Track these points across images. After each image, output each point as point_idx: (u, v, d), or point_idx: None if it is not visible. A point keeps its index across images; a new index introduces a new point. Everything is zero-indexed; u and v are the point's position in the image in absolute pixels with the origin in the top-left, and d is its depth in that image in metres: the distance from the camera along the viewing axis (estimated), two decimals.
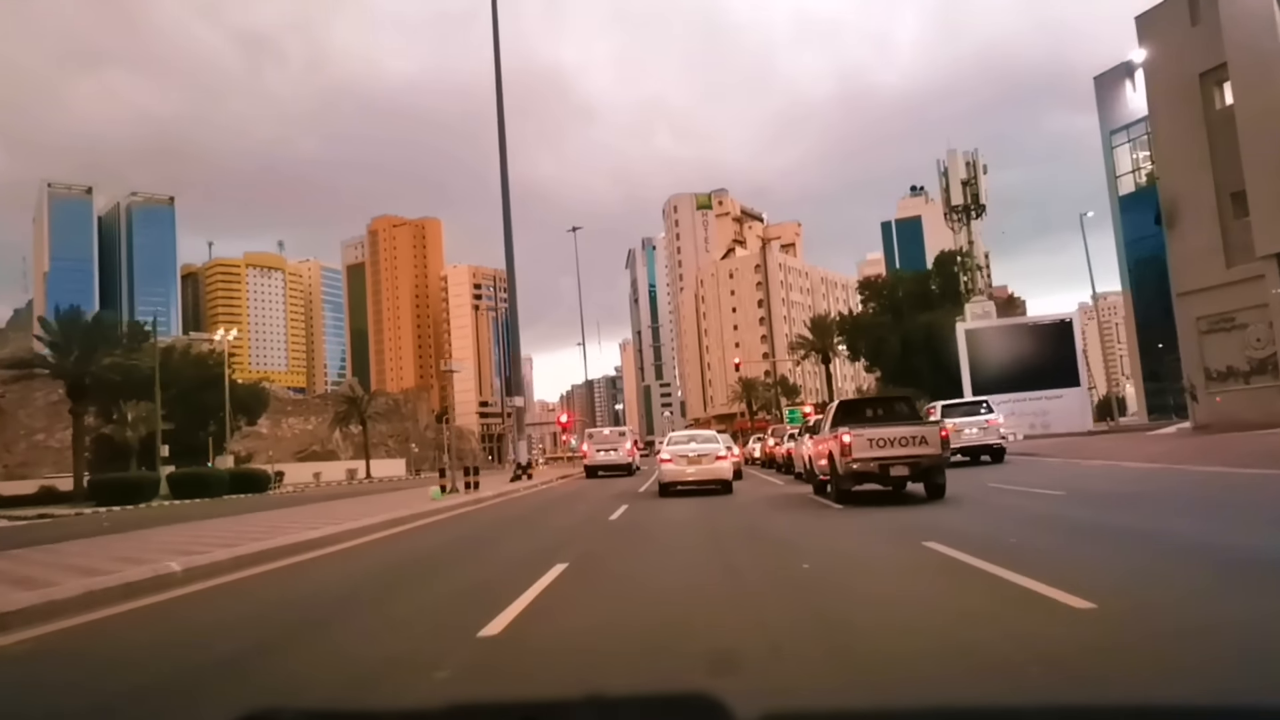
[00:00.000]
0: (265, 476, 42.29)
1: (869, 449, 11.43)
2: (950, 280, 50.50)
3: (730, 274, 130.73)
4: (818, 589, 5.57)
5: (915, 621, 4.34)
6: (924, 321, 45.94)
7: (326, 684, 3.72)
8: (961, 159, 36.35)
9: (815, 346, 63.27)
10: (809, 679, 3.35)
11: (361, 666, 3.93)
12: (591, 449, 28.90)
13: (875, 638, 4.04)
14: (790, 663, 3.60)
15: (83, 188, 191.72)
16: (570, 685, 3.45)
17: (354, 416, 73.79)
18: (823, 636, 4.08)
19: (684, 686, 1.10)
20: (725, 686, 1.38)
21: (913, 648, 3.79)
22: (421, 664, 3.88)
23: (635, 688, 1.47)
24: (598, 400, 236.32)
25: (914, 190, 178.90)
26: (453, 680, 3.57)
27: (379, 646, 4.37)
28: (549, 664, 3.91)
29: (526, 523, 12.25)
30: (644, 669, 3.64)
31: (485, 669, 3.84)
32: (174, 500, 34.17)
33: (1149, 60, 22.96)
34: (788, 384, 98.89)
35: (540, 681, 3.54)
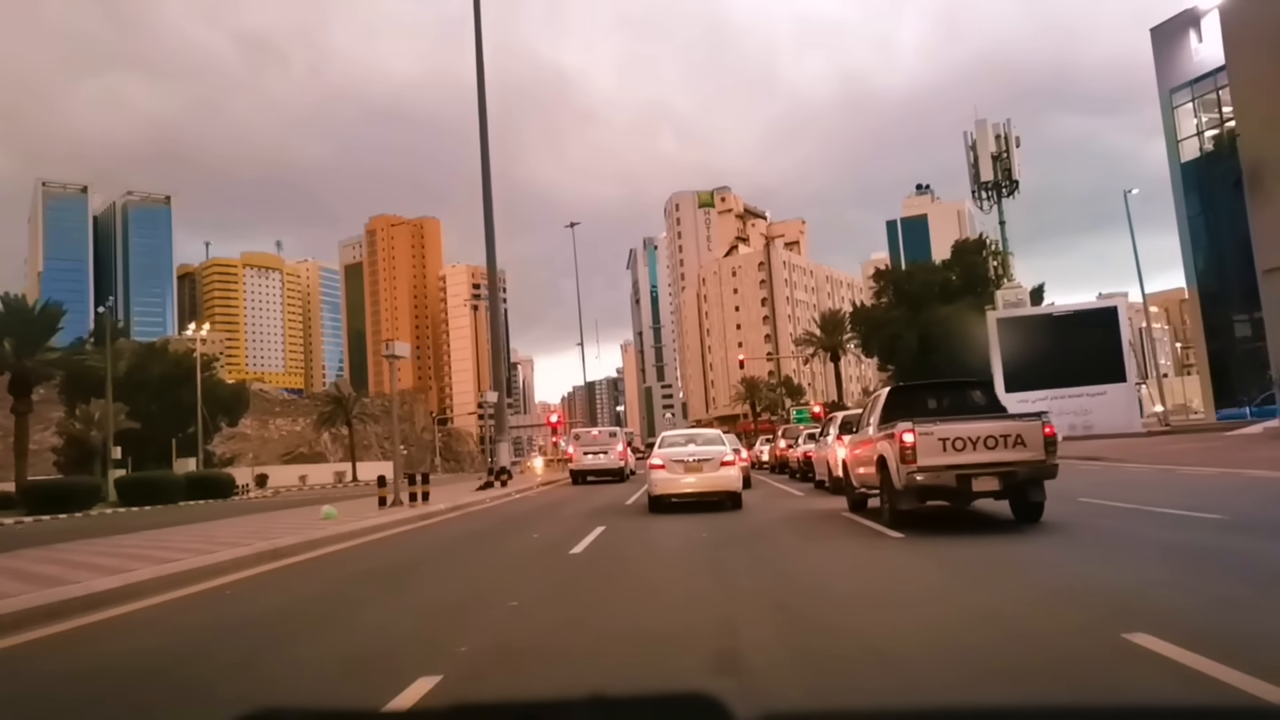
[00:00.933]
0: (228, 481, 38.95)
1: (941, 453, 7.99)
2: (970, 270, 47.08)
3: (733, 272, 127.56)
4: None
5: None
6: (943, 314, 42.47)
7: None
8: (991, 130, 32.86)
9: (824, 344, 59.86)
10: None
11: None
12: (578, 451, 25.41)
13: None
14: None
15: (78, 187, 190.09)
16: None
17: (340, 417, 70.44)
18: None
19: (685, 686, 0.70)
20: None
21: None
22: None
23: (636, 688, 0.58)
24: (599, 402, 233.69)
25: (919, 189, 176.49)
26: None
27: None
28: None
29: (444, 562, 8.40)
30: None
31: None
32: (120, 508, 31.08)
33: (1227, 1, 19.62)
34: (792, 384, 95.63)
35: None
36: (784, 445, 24.62)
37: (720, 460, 12.38)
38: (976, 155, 33.06)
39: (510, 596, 5.87)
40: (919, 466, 8.02)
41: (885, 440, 8.70)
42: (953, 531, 8.22)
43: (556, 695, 0.88)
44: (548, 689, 3.49)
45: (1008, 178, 33.19)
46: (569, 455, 26.69)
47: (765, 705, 0.89)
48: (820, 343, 60.14)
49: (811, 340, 61.04)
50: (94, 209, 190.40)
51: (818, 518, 10.78)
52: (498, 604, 5.63)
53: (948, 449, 8.00)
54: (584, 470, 25.10)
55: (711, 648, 4.03)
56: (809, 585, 5.93)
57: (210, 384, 66.94)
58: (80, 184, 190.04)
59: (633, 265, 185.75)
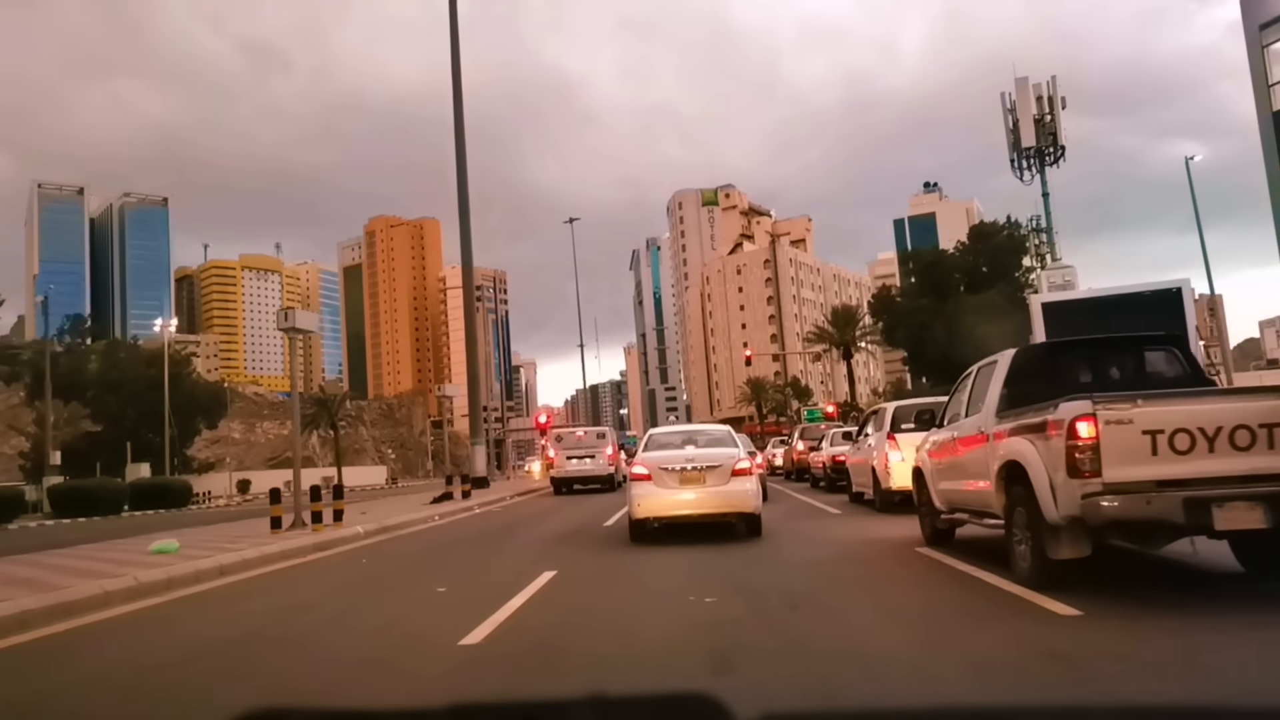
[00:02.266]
0: (182, 489, 35.31)
1: (1149, 458, 4.28)
2: (997, 255, 43.22)
3: (738, 270, 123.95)
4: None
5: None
6: (972, 303, 38.63)
7: None
8: (1032, 92, 28.99)
9: (835, 340, 56.05)
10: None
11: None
12: (560, 455, 21.55)
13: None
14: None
15: (74, 189, 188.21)
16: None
17: (324, 420, 66.83)
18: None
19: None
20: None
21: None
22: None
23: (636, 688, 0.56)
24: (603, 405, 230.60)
25: (927, 187, 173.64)
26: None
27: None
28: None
29: (216, 659, 4.53)
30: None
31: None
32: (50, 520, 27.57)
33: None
34: (799, 385, 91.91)
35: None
36: (802, 447, 20.87)
37: (732, 467, 8.65)
38: (1016, 119, 29.14)
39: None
40: (1109, 483, 4.28)
41: (1023, 436, 4.99)
42: (1160, 604, 4.48)
43: (555, 696, 0.86)
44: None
45: (1053, 142, 29.27)
46: (549, 459, 22.83)
47: (764, 705, 0.87)
48: (831, 338, 56.33)
49: (823, 335, 57.21)
50: (91, 211, 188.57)
51: (886, 558, 7.04)
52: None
53: (1162, 449, 4.26)
54: (567, 477, 21.29)
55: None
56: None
57: (188, 385, 63.47)
58: (76, 186, 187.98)
59: (635, 266, 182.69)
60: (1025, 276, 44.04)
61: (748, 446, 9.91)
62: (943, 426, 7.24)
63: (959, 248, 46.32)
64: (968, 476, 6.20)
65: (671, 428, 12.04)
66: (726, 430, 10.23)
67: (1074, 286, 28.54)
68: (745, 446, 9.49)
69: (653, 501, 8.68)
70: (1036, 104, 29.12)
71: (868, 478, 11.64)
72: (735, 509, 8.71)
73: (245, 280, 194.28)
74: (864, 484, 12.15)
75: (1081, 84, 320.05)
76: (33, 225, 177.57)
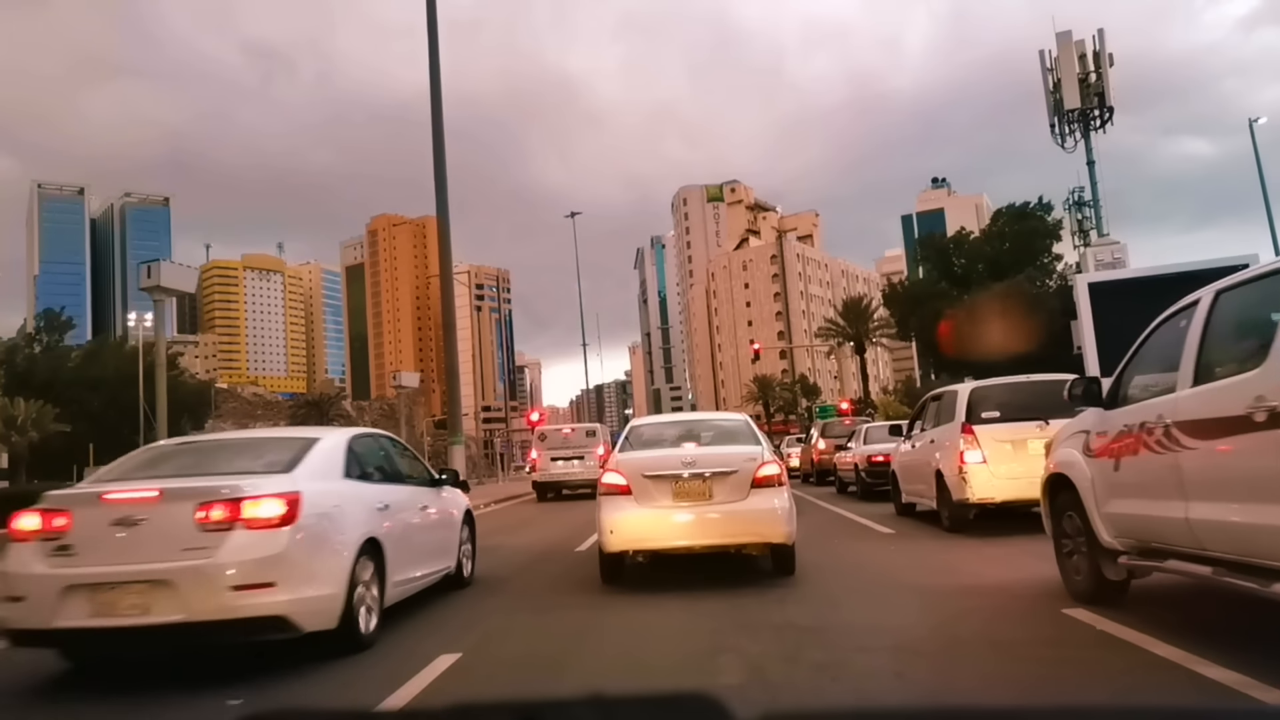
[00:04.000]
0: None
1: None
2: (1025, 238, 40.19)
3: (744, 265, 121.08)
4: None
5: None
6: (996, 290, 35.65)
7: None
8: (1075, 49, 25.91)
9: (848, 334, 53.07)
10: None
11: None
12: (543, 456, 18.62)
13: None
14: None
15: (74, 189, 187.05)
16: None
17: (314, 420, 64.11)
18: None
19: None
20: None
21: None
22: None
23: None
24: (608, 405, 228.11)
25: (935, 182, 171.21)
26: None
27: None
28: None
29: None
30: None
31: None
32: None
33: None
34: (807, 383, 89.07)
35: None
36: (824, 446, 17.95)
37: (752, 474, 5.76)
38: (1058, 79, 25.99)
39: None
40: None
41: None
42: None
43: (555, 696, 0.88)
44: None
45: (1099, 104, 26.21)
46: (532, 460, 19.94)
47: (765, 705, 0.88)
48: (843, 332, 53.35)
49: (834, 329, 54.20)
50: (91, 211, 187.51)
51: (1018, 635, 4.05)
52: None
53: None
54: (551, 482, 18.38)
55: None
56: None
57: (172, 383, 60.88)
58: (76, 186, 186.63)
59: (640, 265, 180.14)
60: (1054, 262, 41.06)
61: (765, 444, 6.72)
62: (1115, 405, 4.34)
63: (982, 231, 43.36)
64: (1215, 493, 3.30)
65: (662, 417, 9.15)
66: (743, 420, 7.13)
67: (1124, 264, 25.41)
68: (764, 443, 6.48)
69: (632, 527, 5.79)
70: (1080, 63, 26.16)
71: (927, 485, 8.75)
72: (758, 537, 5.81)
73: (247, 280, 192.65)
74: (920, 493, 9.25)
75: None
76: (33, 225, 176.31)
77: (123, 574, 3.87)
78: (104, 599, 3.86)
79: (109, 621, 3.86)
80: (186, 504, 3.98)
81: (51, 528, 4.01)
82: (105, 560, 3.92)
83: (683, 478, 5.81)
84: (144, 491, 4.06)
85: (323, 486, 4.50)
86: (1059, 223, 37.19)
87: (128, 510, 3.97)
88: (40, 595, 3.90)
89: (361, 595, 4.44)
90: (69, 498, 4.21)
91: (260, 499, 4.05)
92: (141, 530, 3.93)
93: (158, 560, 3.89)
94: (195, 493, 4.05)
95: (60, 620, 3.86)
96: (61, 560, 3.95)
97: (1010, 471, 7.69)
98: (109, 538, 3.93)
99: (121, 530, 3.93)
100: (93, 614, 3.86)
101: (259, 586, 3.91)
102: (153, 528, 3.94)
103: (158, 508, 3.99)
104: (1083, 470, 4.43)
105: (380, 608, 4.63)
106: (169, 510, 3.99)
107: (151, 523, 3.95)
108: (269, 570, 3.95)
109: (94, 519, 3.99)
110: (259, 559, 3.95)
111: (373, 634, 4.49)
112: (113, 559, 3.91)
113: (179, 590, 3.84)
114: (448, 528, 6.27)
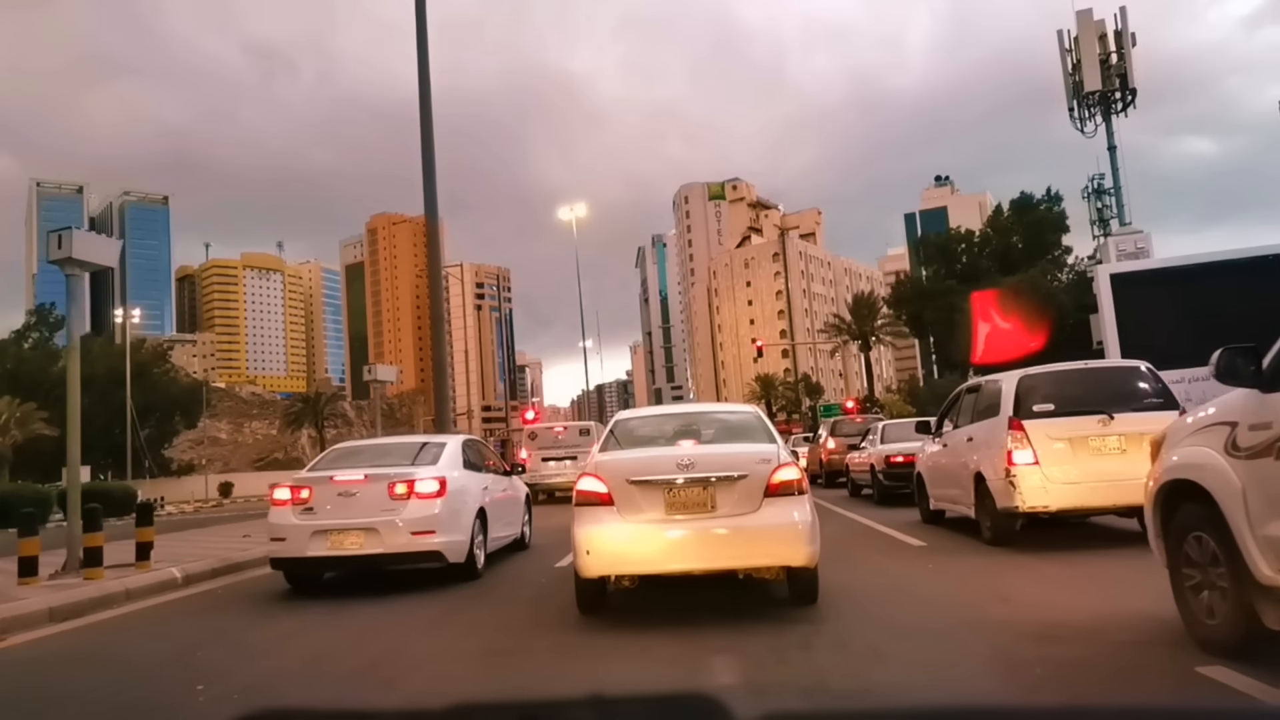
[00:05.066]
0: (124, 494, 31.30)
1: None
2: (1032, 232, 39.06)
3: (745, 263, 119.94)
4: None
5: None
6: (1009, 284, 34.52)
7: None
8: (1094, 28, 24.56)
9: (854, 332, 51.88)
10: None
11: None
12: (534, 457, 17.36)
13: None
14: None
15: (73, 187, 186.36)
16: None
17: (309, 418, 63.05)
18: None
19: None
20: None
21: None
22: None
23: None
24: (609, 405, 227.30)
25: (939, 180, 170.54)
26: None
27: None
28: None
29: None
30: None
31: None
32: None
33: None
34: (810, 382, 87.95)
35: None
36: (833, 446, 16.77)
37: (766, 479, 4.62)
38: (1078, 59, 24.60)
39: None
40: None
41: None
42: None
43: (554, 696, 0.87)
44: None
45: (1121, 85, 24.85)
46: (521, 460, 18.71)
47: (765, 706, 0.87)
48: (849, 329, 52.17)
49: (840, 326, 53.00)
50: (91, 210, 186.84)
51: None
52: None
53: None
54: (542, 485, 17.20)
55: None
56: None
57: (164, 382, 59.92)
58: (75, 184, 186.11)
59: (641, 264, 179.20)
60: (1065, 255, 39.94)
61: (775, 442, 5.34)
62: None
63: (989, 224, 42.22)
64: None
65: (655, 409, 8.04)
66: (753, 412, 5.94)
67: (1148, 254, 24.16)
68: (778, 442, 5.19)
69: (614, 546, 4.63)
70: (1100, 43, 24.84)
71: (963, 489, 7.55)
72: (773, 560, 4.63)
73: (247, 279, 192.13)
74: (953, 498, 8.06)
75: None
76: (31, 224, 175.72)
77: (346, 524, 6.33)
78: (335, 539, 6.31)
79: (339, 552, 6.31)
80: (382, 483, 6.49)
81: (299, 498, 6.48)
82: (335, 516, 6.37)
83: (678, 484, 4.64)
84: (356, 475, 6.58)
85: (454, 473, 6.96)
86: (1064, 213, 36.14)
87: (346, 487, 6.48)
88: (296, 537, 6.31)
89: (479, 543, 6.91)
90: (309, 479, 6.67)
91: (425, 480, 6.57)
92: (356, 498, 6.43)
93: (367, 516, 6.37)
94: (387, 476, 6.56)
95: (309, 551, 6.29)
96: (307, 516, 6.37)
97: (1067, 475, 6.52)
98: (337, 502, 6.40)
99: (344, 498, 6.43)
100: (329, 548, 6.30)
101: (425, 533, 6.38)
102: (363, 497, 6.44)
103: (365, 486, 6.47)
104: (1226, 476, 3.22)
105: (485, 554, 7.08)
106: (372, 487, 6.48)
107: (361, 494, 6.45)
108: (431, 523, 6.42)
109: (326, 491, 6.45)
110: (425, 516, 6.42)
111: (481, 570, 6.92)
112: (339, 515, 6.38)
113: (380, 534, 6.29)
114: (517, 505, 8.88)
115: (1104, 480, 6.42)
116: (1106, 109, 24.72)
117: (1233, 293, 20.26)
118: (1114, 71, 24.41)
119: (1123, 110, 24.71)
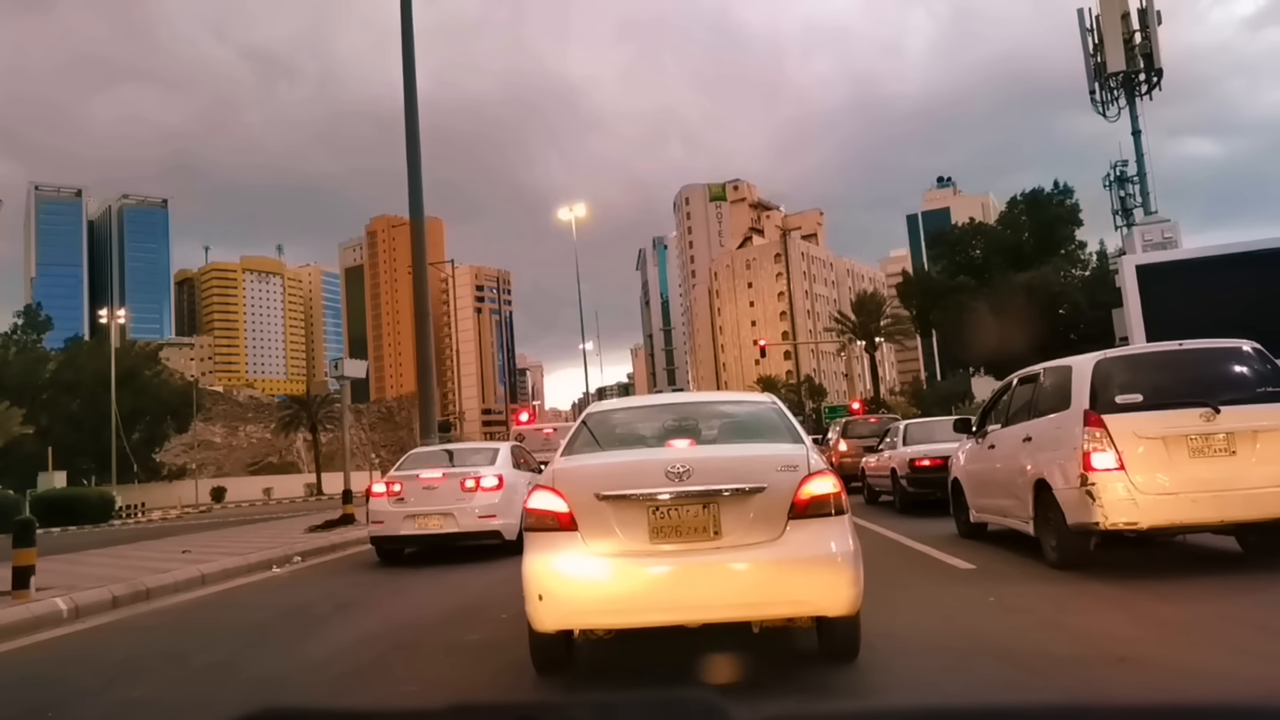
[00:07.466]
0: (101, 500, 30.08)
1: None
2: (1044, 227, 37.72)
3: (747, 264, 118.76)
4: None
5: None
6: (1022, 281, 33.24)
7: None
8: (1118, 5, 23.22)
9: (859, 331, 50.55)
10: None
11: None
12: None
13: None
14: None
15: (72, 190, 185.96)
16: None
17: (303, 421, 61.78)
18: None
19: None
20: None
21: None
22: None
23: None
24: None
25: (941, 181, 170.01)
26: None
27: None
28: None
29: None
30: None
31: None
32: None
33: None
34: (813, 384, 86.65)
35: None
36: (845, 449, 15.41)
37: (792, 492, 3.21)
38: (1100, 38, 23.27)
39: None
40: None
41: None
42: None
43: (554, 698, 0.84)
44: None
45: (1147, 66, 23.53)
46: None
47: (765, 706, 0.88)
48: (855, 328, 50.85)
49: (845, 325, 51.66)
50: (89, 214, 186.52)
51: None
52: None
53: None
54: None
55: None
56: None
57: (154, 385, 58.67)
58: (74, 187, 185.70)
59: (642, 266, 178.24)
60: (1079, 250, 38.60)
61: (800, 438, 3.99)
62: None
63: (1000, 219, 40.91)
64: None
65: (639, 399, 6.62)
66: (769, 402, 4.41)
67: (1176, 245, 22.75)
68: (802, 441, 3.73)
69: (577, 590, 3.29)
70: (1124, 23, 23.57)
71: (1019, 500, 6.17)
72: (802, 607, 3.27)
73: (246, 282, 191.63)
74: (1002, 510, 6.67)
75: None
76: (30, 228, 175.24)
77: (430, 510, 8.80)
78: (422, 520, 8.76)
79: (424, 531, 8.78)
80: (456, 479, 9.01)
81: (393, 491, 8.97)
82: (422, 504, 8.83)
83: (667, 500, 3.27)
84: (436, 474, 9.11)
85: (508, 471, 9.31)
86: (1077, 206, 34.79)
87: (430, 483, 8.98)
88: (391, 519, 8.82)
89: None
90: (400, 476, 9.24)
91: (488, 477, 9.05)
92: (436, 490, 8.94)
93: (445, 504, 8.84)
94: (461, 474, 9.11)
95: (402, 531, 8.81)
96: (399, 504, 8.86)
97: (1160, 483, 5.15)
98: (421, 494, 8.89)
99: (427, 490, 8.92)
100: (417, 529, 8.78)
101: (489, 517, 8.79)
102: (442, 490, 8.95)
103: (444, 482, 9.00)
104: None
105: None
106: (450, 483, 8.98)
107: (441, 488, 8.96)
108: (492, 509, 8.82)
109: (414, 486, 8.94)
110: (488, 504, 8.85)
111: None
112: (425, 504, 8.85)
113: (455, 517, 8.74)
114: None
115: (1208, 490, 5.06)
116: (1130, 91, 23.45)
117: (1264, 285, 18.82)
118: (1139, 51, 23.15)
119: (1148, 93, 23.38)
